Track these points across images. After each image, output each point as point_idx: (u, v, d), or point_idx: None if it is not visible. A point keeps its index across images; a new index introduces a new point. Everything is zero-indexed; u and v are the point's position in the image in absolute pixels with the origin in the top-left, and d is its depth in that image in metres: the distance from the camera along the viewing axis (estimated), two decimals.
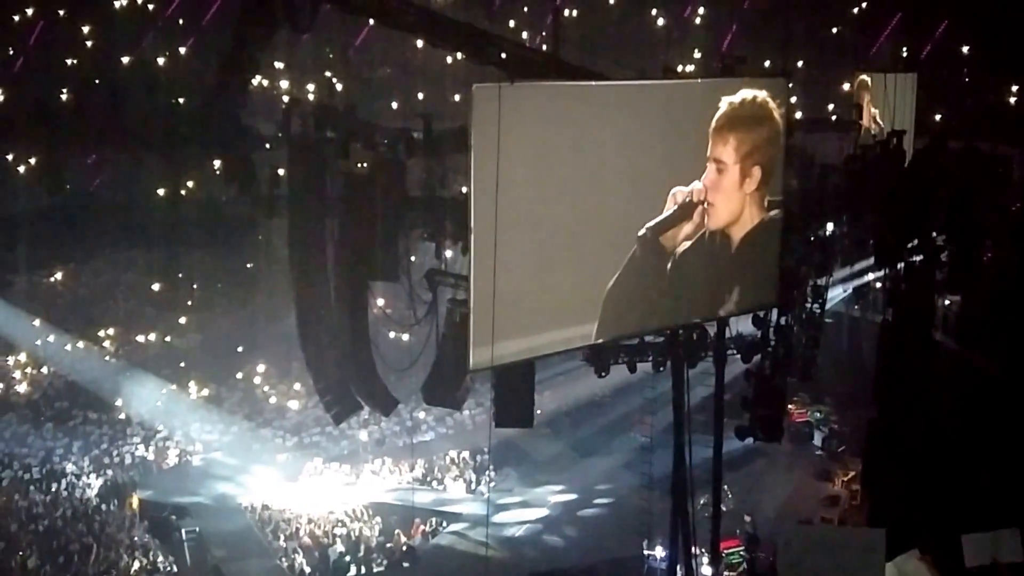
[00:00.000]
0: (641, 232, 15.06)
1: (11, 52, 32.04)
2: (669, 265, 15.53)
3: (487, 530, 25.20)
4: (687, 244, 15.67)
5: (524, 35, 36.09)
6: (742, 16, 37.03)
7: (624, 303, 15.19)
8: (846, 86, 31.11)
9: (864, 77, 28.09)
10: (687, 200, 15.42)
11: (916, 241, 21.09)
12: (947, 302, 27.56)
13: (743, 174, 15.99)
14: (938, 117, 31.01)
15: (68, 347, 35.66)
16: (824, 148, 23.09)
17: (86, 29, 32.65)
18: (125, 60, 33.26)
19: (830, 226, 21.07)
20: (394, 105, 34.50)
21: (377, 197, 17.93)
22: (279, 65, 32.96)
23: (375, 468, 32.01)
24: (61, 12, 32.94)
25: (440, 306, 17.76)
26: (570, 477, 31.46)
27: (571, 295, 14.62)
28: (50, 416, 33.78)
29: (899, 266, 21.09)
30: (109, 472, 31.21)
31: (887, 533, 18.51)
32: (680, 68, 24.78)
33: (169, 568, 26.97)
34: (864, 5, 37.07)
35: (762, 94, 15.91)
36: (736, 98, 15.57)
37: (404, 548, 27.68)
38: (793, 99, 20.88)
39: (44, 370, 36.17)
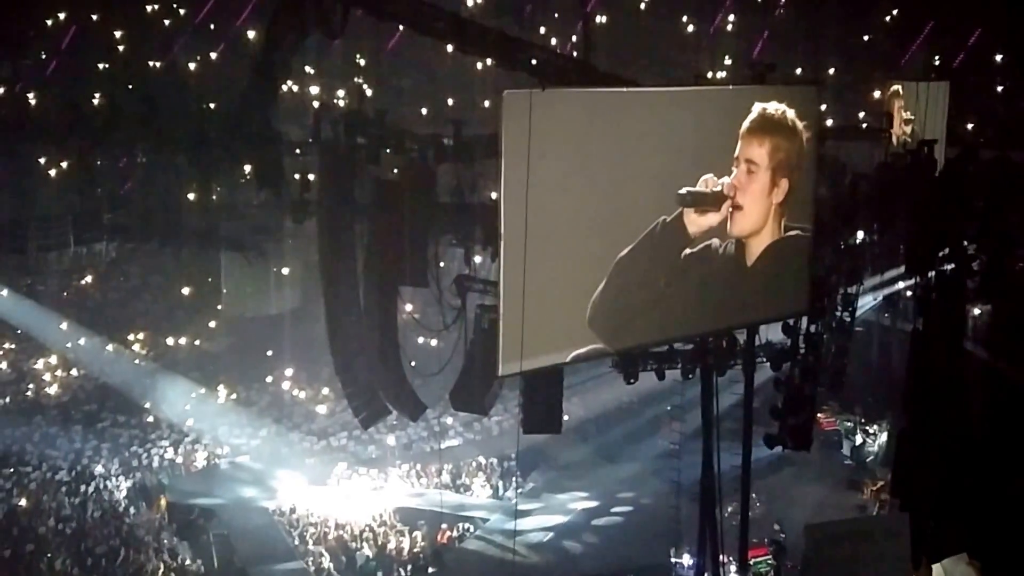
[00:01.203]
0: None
1: (43, 56, 32.32)
2: (684, 254, 15.28)
3: (514, 536, 25.16)
4: (705, 240, 15.44)
5: (554, 41, 36.12)
6: (773, 23, 36.94)
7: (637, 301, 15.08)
8: (877, 94, 30.94)
9: (896, 86, 27.91)
10: (719, 190, 15.23)
11: (947, 250, 20.91)
12: (978, 311, 27.35)
13: (773, 182, 15.82)
14: (970, 126, 30.80)
15: (98, 350, 35.88)
16: (855, 156, 22.96)
17: (118, 34, 32.91)
18: (157, 65, 33.50)
19: (860, 234, 20.94)
20: (424, 111, 34.59)
21: (407, 203, 17.94)
22: (310, 70, 33.12)
23: (402, 473, 32.07)
24: (93, 17, 33.20)
25: (469, 312, 17.77)
26: (597, 484, 31.39)
27: None
28: (79, 418, 33.99)
29: (930, 275, 20.90)
30: (137, 474, 31.39)
31: (914, 543, 18.39)
32: (711, 75, 24.74)
33: (196, 570, 27.08)
34: (896, 13, 36.87)
35: (791, 112, 15.76)
36: (770, 105, 15.45)
37: (431, 553, 27.70)
38: (824, 107, 20.78)
39: (74, 372, 36.41)
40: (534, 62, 19.50)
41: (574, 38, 36.58)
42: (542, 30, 36.98)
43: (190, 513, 29.82)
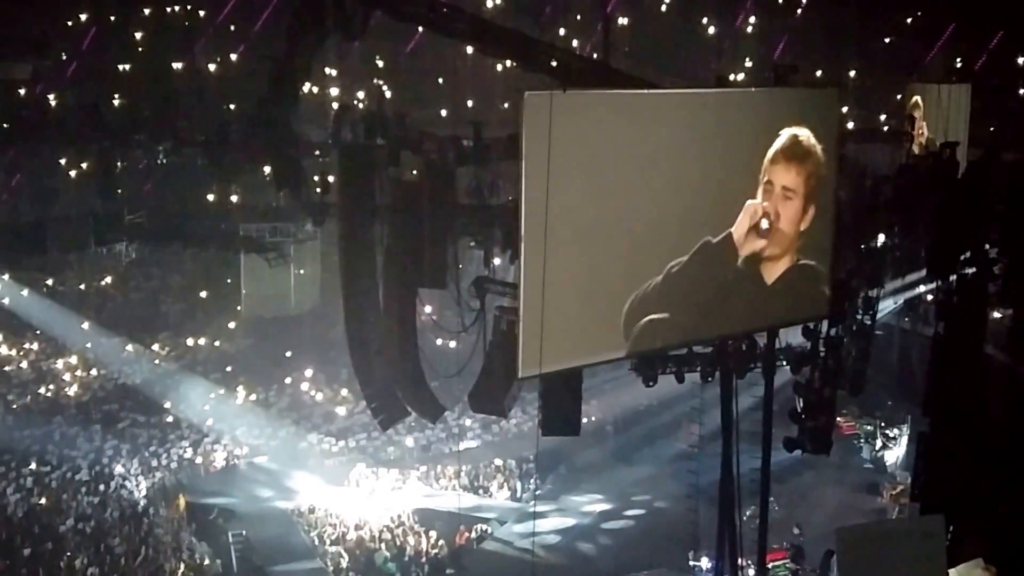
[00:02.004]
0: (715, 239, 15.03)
1: (64, 57, 32.45)
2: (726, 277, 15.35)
3: (532, 538, 25.14)
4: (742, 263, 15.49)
5: (575, 43, 36.09)
6: (794, 25, 36.80)
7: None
8: (899, 96, 30.81)
9: (917, 93, 27.80)
10: (761, 218, 15.29)
11: (969, 253, 20.78)
12: (999, 315, 27.19)
13: (805, 209, 15.81)
14: (992, 128, 30.62)
15: (118, 350, 36.03)
16: (876, 158, 22.86)
17: (139, 35, 33.03)
18: (177, 66, 33.62)
19: (881, 237, 20.84)
20: (443, 113, 34.60)
21: (426, 204, 17.96)
22: (330, 72, 33.17)
23: (421, 474, 32.08)
24: (114, 18, 33.34)
25: (488, 314, 17.75)
26: (615, 486, 31.35)
27: (620, 304, 14.52)
28: (99, 418, 34.10)
29: (951, 278, 20.77)
30: (157, 474, 31.46)
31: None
32: (732, 77, 24.63)
33: (215, 570, 27.15)
34: (917, 15, 36.70)
35: (815, 139, 15.76)
36: (801, 132, 15.40)
37: (449, 554, 27.70)
38: (845, 109, 20.69)
39: (94, 372, 36.56)
40: (554, 63, 19.44)
41: (594, 39, 36.54)
42: (562, 31, 36.95)
43: (209, 513, 29.91)
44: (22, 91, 30.79)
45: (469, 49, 30.24)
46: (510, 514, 29.96)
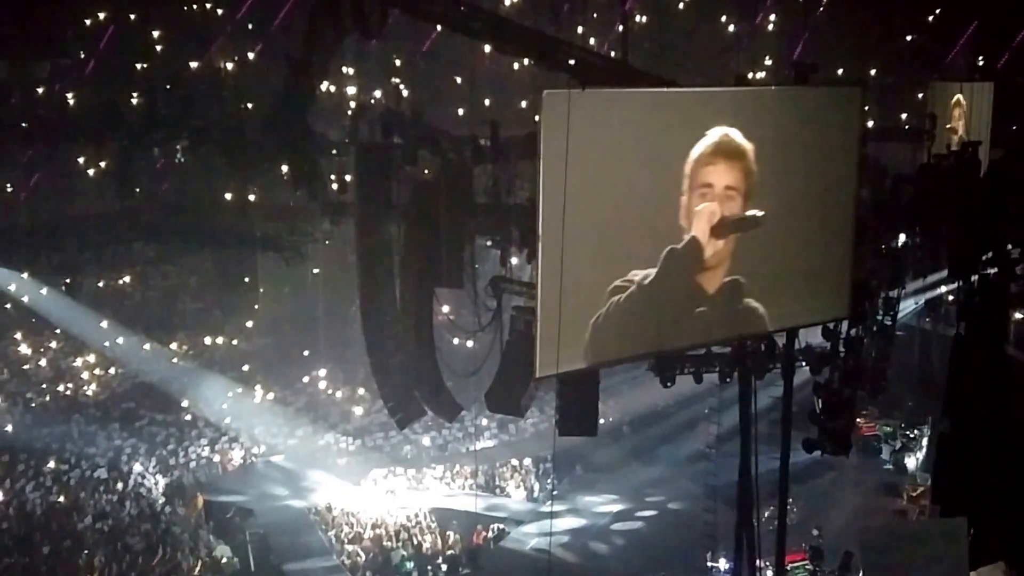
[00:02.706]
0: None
1: (82, 56, 32.50)
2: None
3: (549, 538, 25.08)
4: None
5: (593, 41, 35.96)
6: (814, 23, 36.57)
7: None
8: (920, 95, 30.59)
9: (941, 88, 27.59)
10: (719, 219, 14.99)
11: (990, 253, 20.62)
12: (1021, 316, 27.00)
13: (745, 208, 15.08)
14: (1014, 128, 30.37)
15: (136, 349, 36.11)
16: (897, 158, 22.70)
17: (156, 33, 33.06)
18: (195, 65, 33.65)
19: (902, 237, 20.68)
20: (461, 112, 34.53)
21: (443, 204, 17.90)
22: (347, 71, 33.14)
23: (438, 473, 32.05)
24: (132, 16, 33.38)
25: (504, 313, 17.68)
26: (632, 487, 31.25)
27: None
28: (117, 417, 34.20)
29: (973, 279, 20.62)
30: (175, 473, 31.51)
31: None
32: (751, 76, 24.51)
33: (233, 569, 27.16)
34: (939, 12, 36.43)
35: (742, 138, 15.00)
36: (727, 130, 14.63)
37: (465, 553, 27.66)
38: (866, 107, 20.49)
39: (112, 371, 36.64)
40: (572, 62, 19.36)
41: (613, 37, 36.41)
42: (580, 30, 36.82)
43: (227, 511, 29.94)
44: (41, 90, 30.94)
45: (487, 48, 30.18)
46: (527, 514, 29.90)
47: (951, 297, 24.23)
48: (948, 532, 17.82)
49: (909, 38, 36.75)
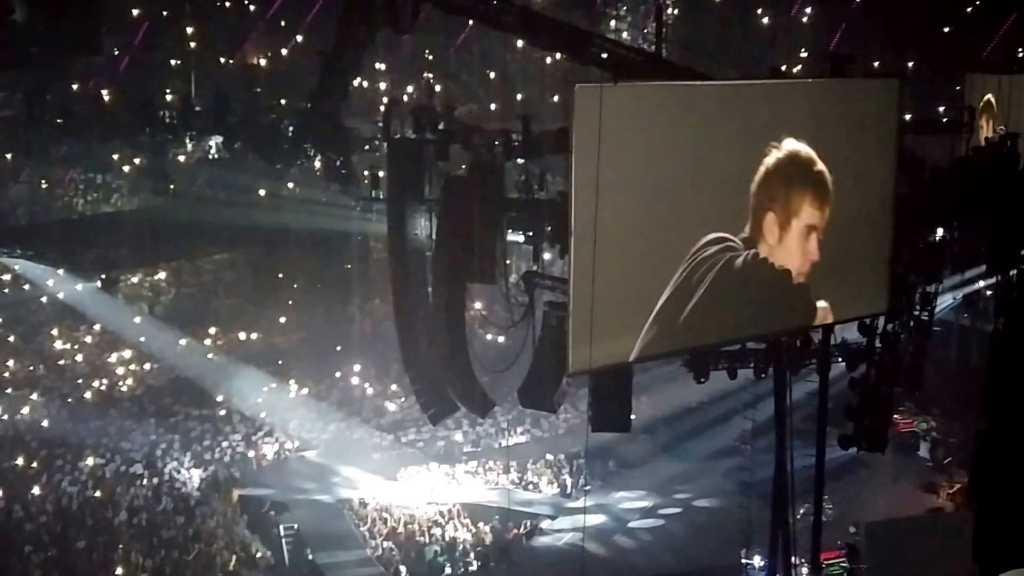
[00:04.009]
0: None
1: (116, 52, 32.69)
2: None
3: (582, 533, 25.01)
4: None
5: (626, 35, 35.81)
6: (851, 15, 36.21)
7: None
8: (958, 87, 30.18)
9: (980, 80, 27.18)
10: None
11: None
12: None
13: None
14: None
15: (171, 344, 36.30)
16: (934, 150, 22.39)
17: (190, 30, 33.19)
18: (228, 61, 33.79)
19: (940, 231, 20.41)
20: (493, 106, 34.48)
21: (475, 199, 17.81)
22: (380, 66, 33.18)
23: (470, 469, 32.03)
24: (165, 13, 33.55)
25: (537, 309, 17.59)
26: (666, 483, 31.14)
27: None
28: (153, 411, 34.37)
29: (1012, 273, 20.34)
30: (210, 467, 31.64)
31: (993, 547, 17.95)
32: (787, 68, 24.23)
33: (267, 563, 27.28)
34: (977, 4, 35.97)
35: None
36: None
37: (498, 549, 27.64)
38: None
39: (147, 366, 36.85)
40: (605, 56, 19.21)
41: (646, 31, 36.25)
42: (613, 23, 36.69)
43: (261, 506, 30.07)
44: (75, 87, 31.12)
45: (519, 42, 30.12)
46: (559, 509, 29.86)
47: (989, 292, 23.92)
48: (953, 526, 17.74)
49: (947, 29, 36.31)
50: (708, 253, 14.10)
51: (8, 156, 32.98)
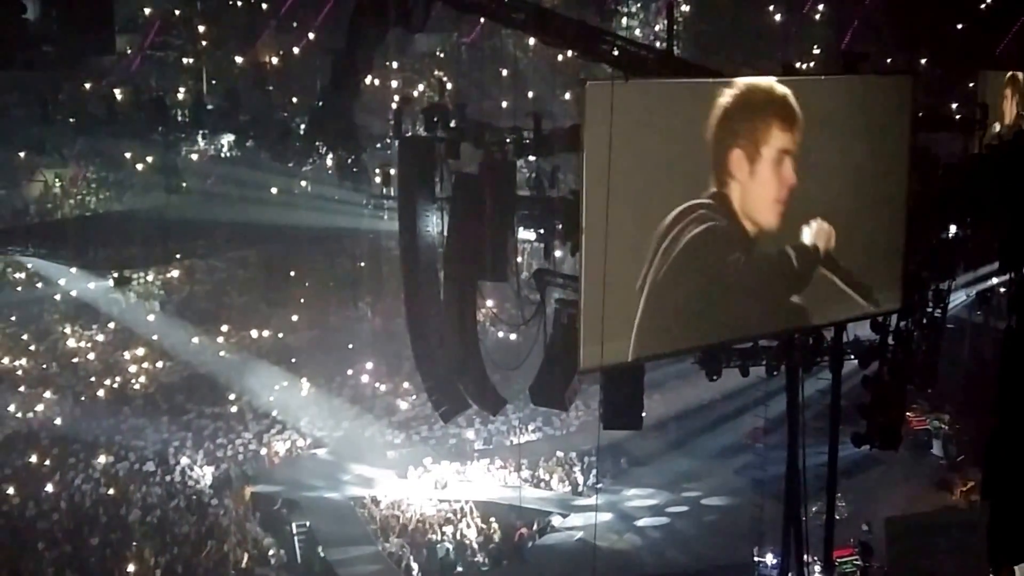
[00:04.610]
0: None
1: (129, 51, 32.76)
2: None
3: (595, 532, 25.00)
4: None
5: (637, 32, 35.76)
6: (863, 12, 36.08)
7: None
8: (971, 84, 30.06)
9: (993, 77, 27.08)
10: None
11: None
12: None
13: None
14: None
15: (184, 342, 36.37)
16: (947, 147, 22.32)
17: (202, 28, 33.25)
18: (240, 60, 33.82)
19: (953, 228, 20.34)
20: (504, 104, 34.45)
21: (487, 197, 17.80)
22: (391, 64, 33.18)
23: (482, 467, 32.04)
24: (177, 12, 33.62)
25: (548, 307, 17.59)
26: (677, 480, 31.10)
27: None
28: (165, 409, 34.45)
29: None
30: (222, 465, 31.71)
31: (1006, 543, 17.89)
32: (800, 65, 24.22)
33: (279, 561, 27.32)
34: (991, 1, 35.80)
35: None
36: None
37: (509, 546, 27.64)
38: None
39: (160, 364, 36.92)
40: (616, 53, 19.20)
41: (657, 28, 36.18)
42: (624, 21, 36.62)
43: (273, 504, 30.13)
44: (88, 85, 31.20)
45: (530, 40, 30.09)
46: (571, 507, 29.83)
47: (1003, 289, 23.83)
48: (969, 522, 17.70)
49: (960, 26, 36.14)
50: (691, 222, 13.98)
51: (21, 154, 33.04)
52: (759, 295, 15.04)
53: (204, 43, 33.17)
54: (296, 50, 34.58)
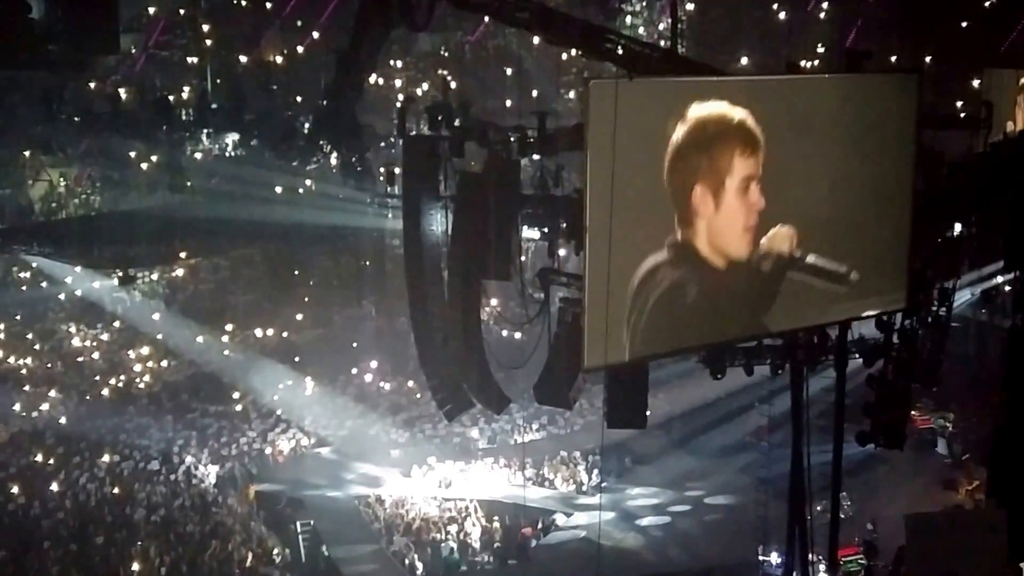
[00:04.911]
0: None
1: (134, 51, 32.81)
2: None
3: (598, 531, 24.99)
4: None
5: (641, 31, 35.73)
6: (868, 10, 36.02)
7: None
8: (975, 82, 30.01)
9: (998, 75, 27.01)
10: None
11: None
12: None
13: None
14: None
15: (188, 341, 36.42)
16: (952, 146, 22.29)
17: (206, 28, 33.29)
18: (244, 59, 33.84)
19: (958, 226, 20.30)
20: (508, 103, 34.45)
21: (491, 195, 17.81)
22: (395, 63, 33.20)
23: (486, 465, 32.03)
24: (181, 11, 33.66)
25: (552, 305, 17.59)
26: (682, 479, 31.09)
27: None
28: (170, 408, 34.51)
29: None
30: (227, 464, 31.78)
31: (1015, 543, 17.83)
32: (803, 63, 24.18)
33: (284, 560, 27.34)
34: None
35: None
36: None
37: (513, 545, 27.64)
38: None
39: (165, 363, 36.97)
40: (620, 52, 19.17)
41: (662, 26, 36.16)
42: (628, 19, 36.60)
43: (277, 503, 30.16)
44: (93, 84, 31.25)
45: (534, 38, 30.02)
46: (575, 506, 29.83)
47: (1007, 288, 23.77)
48: (990, 522, 17.61)
49: (965, 24, 36.06)
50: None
51: (26, 153, 33.13)
52: (735, 310, 14.93)
53: (208, 42, 33.22)
54: (300, 49, 34.62)
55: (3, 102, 28.29)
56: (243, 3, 34.68)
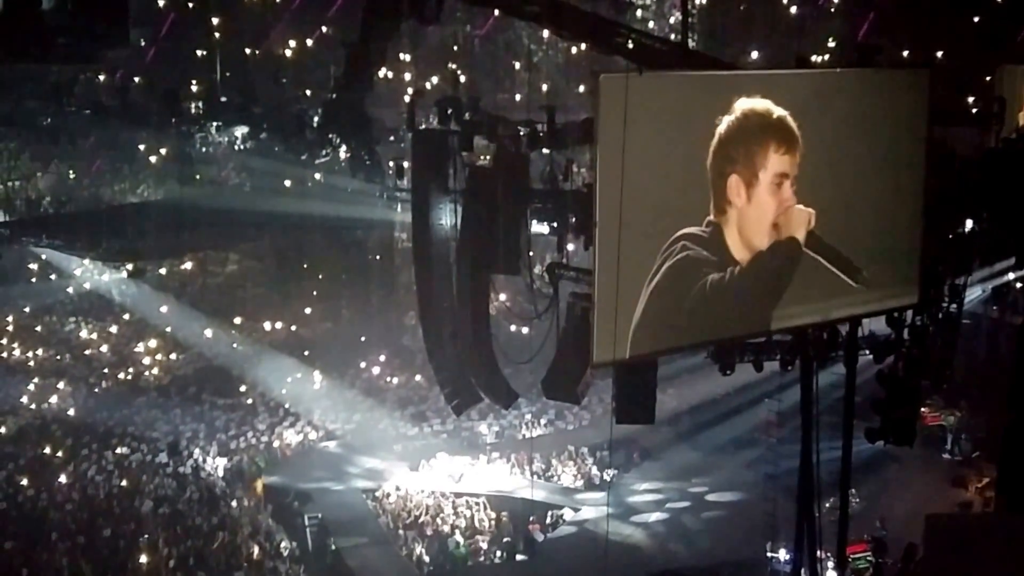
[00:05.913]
0: None
1: (143, 43, 32.81)
2: None
3: (607, 526, 24.94)
4: None
5: (652, 24, 35.64)
6: (879, 4, 35.86)
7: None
8: (988, 78, 29.85)
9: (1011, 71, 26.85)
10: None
11: None
12: None
13: None
14: None
15: (197, 334, 36.45)
16: (963, 142, 22.18)
17: (215, 20, 33.30)
18: (253, 52, 33.84)
19: (969, 223, 20.20)
20: (518, 97, 34.39)
21: (500, 189, 17.76)
22: (404, 57, 33.15)
23: (494, 460, 32.01)
24: (191, 4, 33.67)
25: (561, 300, 17.52)
26: (690, 475, 31.01)
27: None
28: (178, 401, 34.56)
29: None
30: (235, 457, 31.79)
31: None
32: (814, 58, 24.02)
33: (292, 553, 27.34)
34: None
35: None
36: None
37: (521, 540, 27.62)
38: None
39: (173, 356, 37.03)
40: (631, 45, 19.12)
41: (672, 20, 36.07)
42: (639, 13, 36.51)
43: (285, 496, 30.16)
44: (102, 77, 31.27)
45: (544, 32, 29.99)
46: (583, 501, 29.78)
47: (1019, 284, 23.69)
48: (1014, 529, 17.48)
49: (977, 19, 35.89)
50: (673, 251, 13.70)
51: (36, 146, 33.17)
52: (748, 306, 14.88)
53: (218, 35, 33.20)
54: (310, 42, 34.60)
55: (13, 94, 28.30)
56: None
